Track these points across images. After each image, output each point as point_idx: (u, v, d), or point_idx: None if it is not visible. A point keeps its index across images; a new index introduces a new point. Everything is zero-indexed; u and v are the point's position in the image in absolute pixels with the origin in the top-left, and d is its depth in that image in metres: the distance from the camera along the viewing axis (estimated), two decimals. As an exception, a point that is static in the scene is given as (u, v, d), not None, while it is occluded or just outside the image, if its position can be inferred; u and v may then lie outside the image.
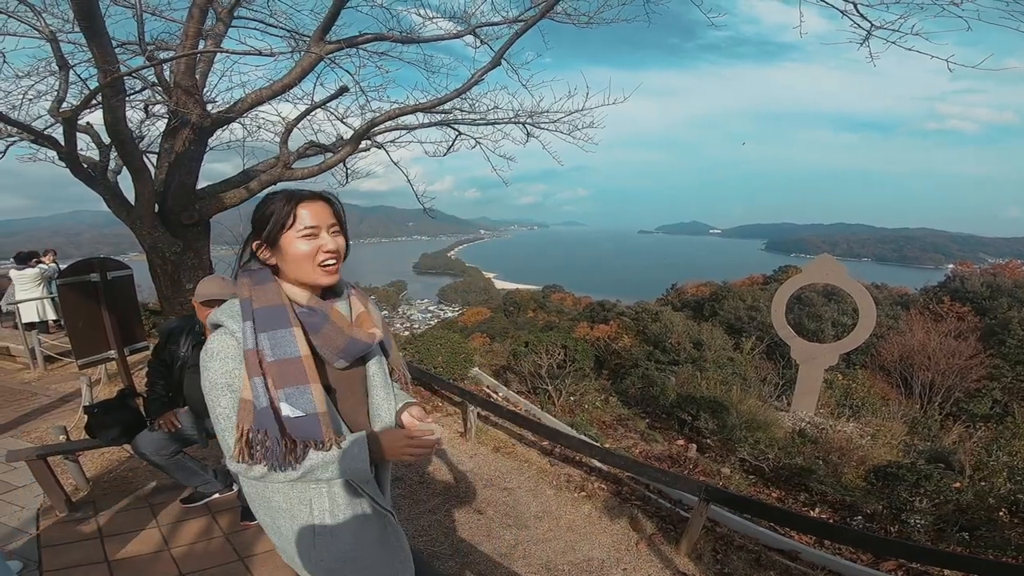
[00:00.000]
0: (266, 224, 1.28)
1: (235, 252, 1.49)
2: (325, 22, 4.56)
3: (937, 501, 4.24)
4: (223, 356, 1.21)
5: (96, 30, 3.27)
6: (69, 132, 3.81)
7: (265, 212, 1.29)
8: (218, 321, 1.25)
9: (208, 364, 1.21)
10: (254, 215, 1.31)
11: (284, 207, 1.28)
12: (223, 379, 1.20)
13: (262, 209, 1.30)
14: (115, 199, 4.88)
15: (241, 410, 1.19)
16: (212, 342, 1.23)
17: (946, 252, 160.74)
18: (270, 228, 1.27)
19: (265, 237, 1.28)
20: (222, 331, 1.24)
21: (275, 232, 1.27)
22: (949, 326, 19.18)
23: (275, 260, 1.30)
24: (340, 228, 1.34)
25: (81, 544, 3.06)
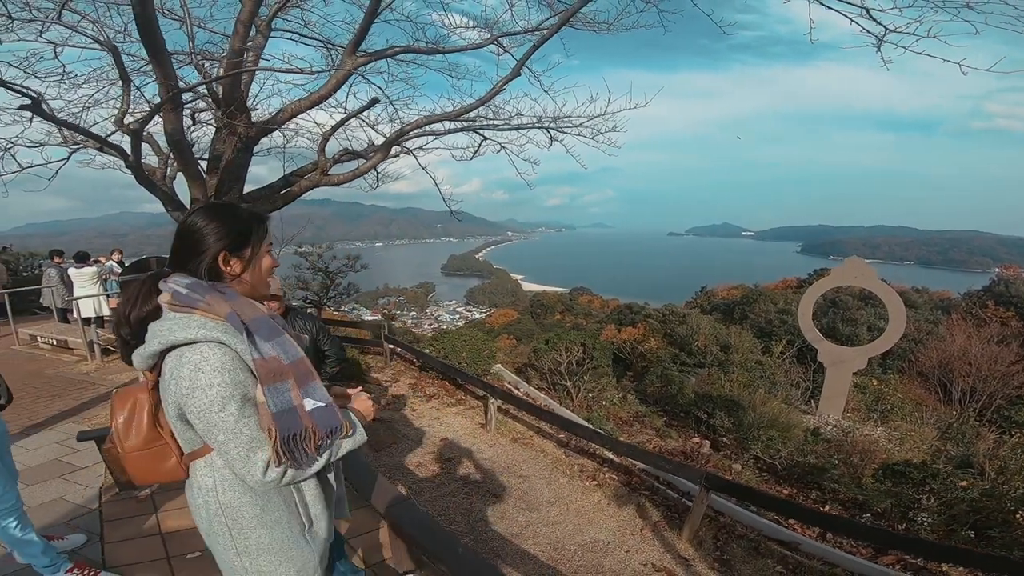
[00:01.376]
0: (247, 238, 1.31)
1: (277, 253, 1.50)
2: (356, 37, 4.90)
3: (945, 500, 4.28)
4: (231, 368, 1.17)
5: (157, 47, 3.62)
6: (135, 143, 4.20)
7: (243, 226, 1.31)
8: (213, 337, 1.18)
9: (213, 379, 1.15)
10: (227, 228, 1.28)
11: (260, 224, 1.35)
12: (234, 390, 1.17)
13: (238, 223, 1.30)
14: (172, 203, 5.31)
15: (265, 417, 1.19)
16: (211, 357, 1.16)
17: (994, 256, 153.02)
18: (253, 242, 1.32)
19: (249, 250, 1.32)
20: (215, 346, 1.18)
21: (256, 247, 1.33)
22: (992, 331, 18.44)
23: (241, 273, 1.31)
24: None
25: (137, 518, 3.41)
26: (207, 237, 1.27)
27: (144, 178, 4.83)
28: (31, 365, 7.53)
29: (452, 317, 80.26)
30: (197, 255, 1.27)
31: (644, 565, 3.32)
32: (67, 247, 11.89)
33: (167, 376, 1.21)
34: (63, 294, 9.31)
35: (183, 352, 1.18)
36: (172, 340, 1.18)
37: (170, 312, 1.23)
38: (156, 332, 1.22)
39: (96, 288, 8.73)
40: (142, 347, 1.24)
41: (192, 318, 1.20)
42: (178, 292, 1.22)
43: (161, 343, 1.19)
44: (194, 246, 1.27)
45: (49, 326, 9.32)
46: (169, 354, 1.21)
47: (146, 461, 1.34)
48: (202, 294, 1.23)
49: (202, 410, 1.17)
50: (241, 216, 1.32)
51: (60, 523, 3.26)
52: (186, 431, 1.27)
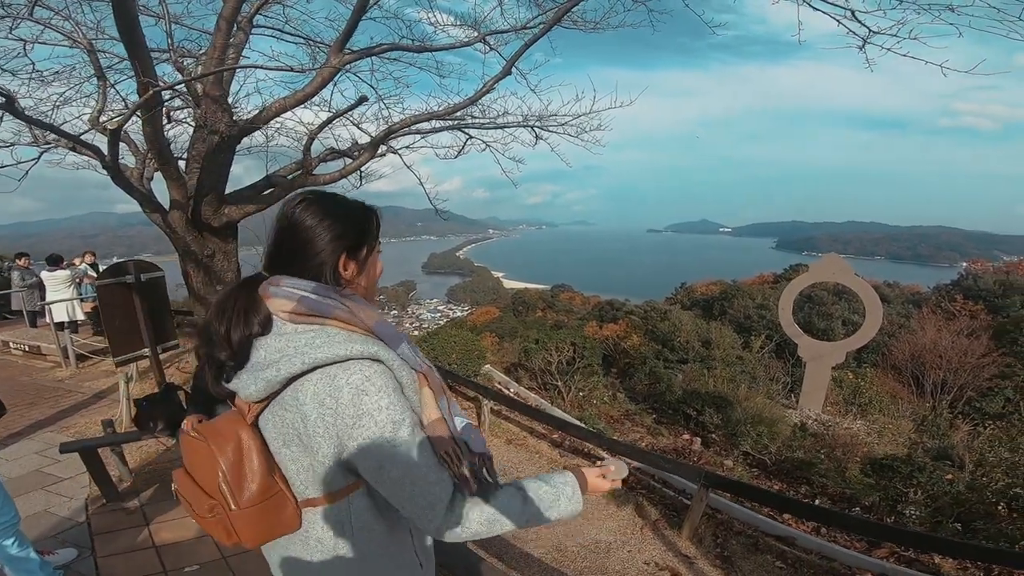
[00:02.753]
0: (365, 236, 1.08)
1: (259, 253, 1.19)
2: (343, 35, 4.80)
3: (932, 493, 4.40)
4: (394, 388, 0.96)
5: (137, 45, 3.49)
6: (112, 143, 4.06)
7: (362, 223, 1.09)
8: (369, 353, 0.95)
9: (381, 402, 0.93)
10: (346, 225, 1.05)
11: (375, 219, 1.11)
12: (404, 414, 0.95)
13: (355, 219, 1.08)
14: (150, 204, 5.15)
15: (441, 440, 0.99)
16: (374, 376, 0.94)
17: (960, 250, 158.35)
18: (370, 240, 1.09)
19: (365, 250, 1.09)
20: (371, 363, 0.95)
21: (372, 245, 1.10)
22: (961, 324, 19.06)
23: (352, 276, 1.07)
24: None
25: (129, 531, 3.32)
26: (322, 235, 1.03)
27: (121, 178, 4.67)
28: (4, 372, 7.27)
29: (434, 316, 79.94)
30: (311, 256, 1.02)
31: (648, 564, 3.34)
32: (34, 249, 11.46)
33: (310, 407, 0.94)
34: (34, 298, 8.99)
35: (334, 373, 0.93)
36: (320, 358, 0.93)
37: (289, 325, 0.99)
38: (288, 349, 0.95)
39: (70, 292, 8.45)
40: (268, 371, 0.95)
41: (329, 331, 0.98)
42: (307, 298, 0.98)
43: (306, 362, 0.93)
44: (306, 246, 1.02)
45: (21, 331, 9.00)
46: (307, 377, 0.94)
47: (264, 517, 1.00)
48: (338, 300, 1.01)
49: (371, 442, 0.92)
50: (356, 210, 1.09)
51: (48, 537, 3.16)
52: (329, 474, 0.99)
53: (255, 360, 0.99)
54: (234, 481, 0.98)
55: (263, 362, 0.97)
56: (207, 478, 1.00)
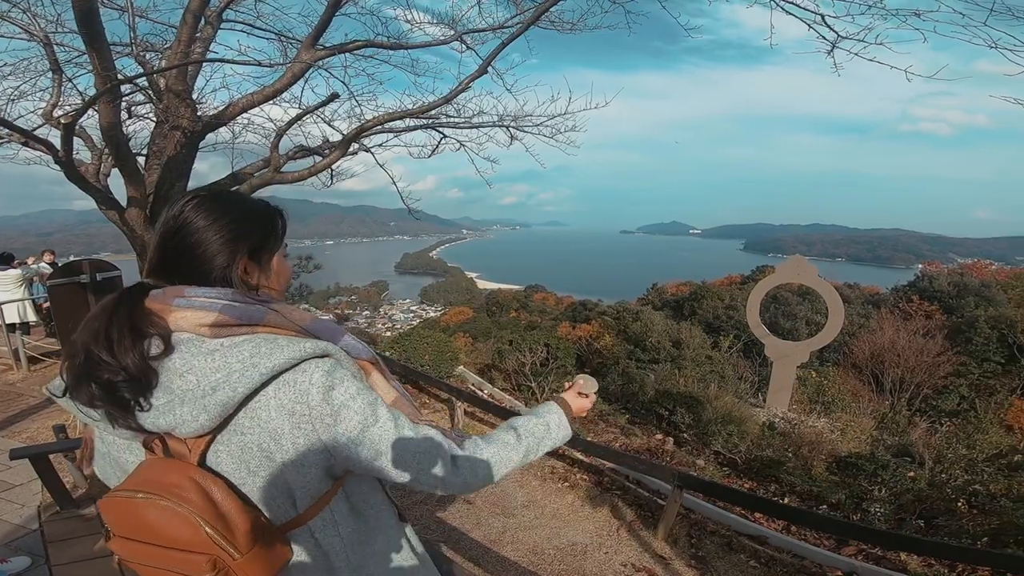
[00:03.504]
0: (269, 239, 0.99)
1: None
2: (316, 30, 4.67)
3: (895, 490, 4.54)
4: (353, 375, 0.92)
5: (95, 35, 3.33)
6: (66, 138, 3.86)
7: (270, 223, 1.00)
8: (318, 351, 0.88)
9: (350, 389, 0.88)
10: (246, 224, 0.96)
11: (280, 220, 1.02)
12: (372, 394, 0.92)
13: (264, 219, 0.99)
14: (106, 201, 4.92)
15: (410, 409, 1.00)
16: (334, 369, 0.88)
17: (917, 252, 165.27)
18: (270, 243, 1.00)
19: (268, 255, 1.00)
20: (323, 360, 0.88)
21: (271, 248, 1.00)
22: (918, 324, 19.84)
23: (258, 281, 0.98)
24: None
25: (85, 539, 3.13)
26: (216, 238, 0.91)
27: (75, 175, 4.45)
28: (-52, 376, 6.85)
29: (407, 316, 79.23)
30: (204, 262, 0.91)
31: (624, 566, 3.34)
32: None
33: (277, 421, 0.84)
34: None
35: (292, 380, 0.84)
36: (274, 367, 0.82)
37: (213, 340, 0.85)
38: (229, 366, 0.83)
39: (21, 292, 8.04)
40: (210, 396, 0.81)
41: (267, 337, 0.87)
42: (230, 306, 0.86)
43: (263, 373, 0.81)
44: (197, 250, 0.91)
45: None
46: (262, 394, 0.84)
47: (267, 553, 0.87)
48: (263, 305, 0.90)
49: (359, 432, 0.87)
50: (257, 209, 0.99)
51: (0, 545, 2.97)
52: (320, 479, 0.91)
53: (186, 387, 0.82)
54: (223, 528, 0.81)
55: (203, 387, 0.82)
56: (186, 536, 0.80)
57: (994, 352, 18.55)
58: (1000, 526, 3.74)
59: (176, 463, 0.84)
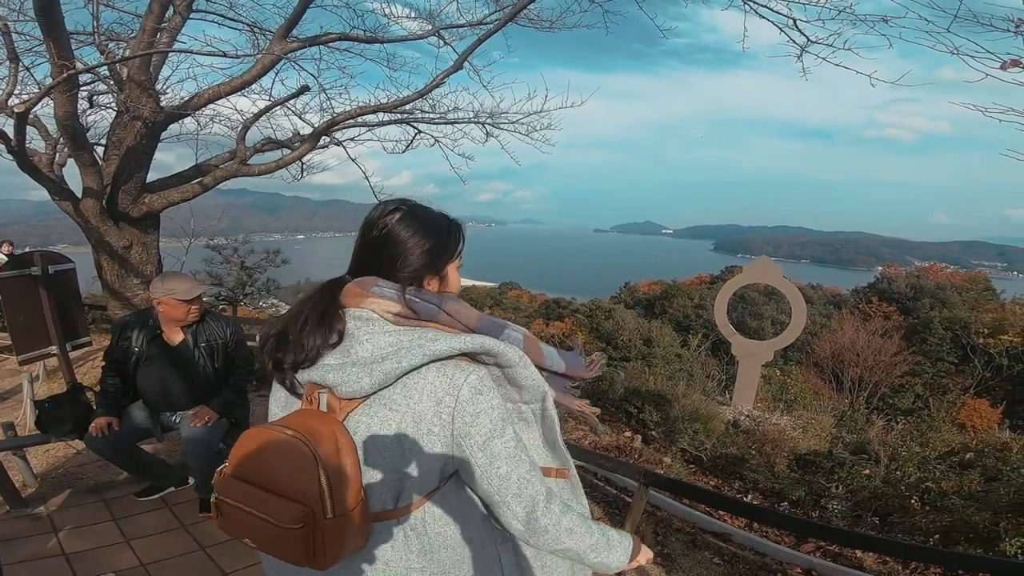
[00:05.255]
0: (450, 255, 1.11)
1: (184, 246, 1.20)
2: (289, 21, 4.57)
3: (852, 487, 4.70)
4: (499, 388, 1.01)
5: (54, 24, 3.20)
6: (19, 127, 3.70)
7: (452, 238, 1.12)
8: (484, 346, 0.98)
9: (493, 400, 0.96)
10: (438, 245, 1.08)
11: (457, 232, 1.14)
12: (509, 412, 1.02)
13: (445, 238, 1.10)
14: (61, 192, 4.73)
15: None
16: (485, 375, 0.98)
17: (877, 255, 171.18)
18: (452, 256, 1.12)
19: (448, 265, 1.11)
20: (477, 367, 0.98)
21: (449, 259, 1.12)
22: (876, 325, 20.61)
23: (436, 289, 1.10)
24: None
25: (35, 538, 3.03)
26: (415, 248, 1.05)
27: (28, 164, 4.27)
28: None
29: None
30: (402, 268, 1.05)
31: (590, 565, 3.37)
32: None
33: (424, 404, 0.93)
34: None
35: (451, 373, 0.95)
36: (436, 351, 0.93)
37: (392, 325, 0.99)
38: (403, 344, 0.95)
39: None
40: (388, 362, 0.92)
41: (431, 331, 0.99)
42: (415, 301, 1.01)
43: (427, 354, 0.92)
44: (399, 258, 1.05)
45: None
46: (421, 375, 0.94)
47: (353, 527, 0.91)
48: (439, 303, 1.03)
49: (487, 439, 0.94)
50: (445, 225, 1.12)
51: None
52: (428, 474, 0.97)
53: (359, 355, 0.96)
54: (337, 483, 0.87)
55: (374, 356, 0.95)
56: (298, 482, 0.86)
57: (948, 352, 19.44)
58: (951, 523, 3.90)
59: (326, 416, 0.94)
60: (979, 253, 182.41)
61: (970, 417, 14.83)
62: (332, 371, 0.95)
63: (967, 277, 29.26)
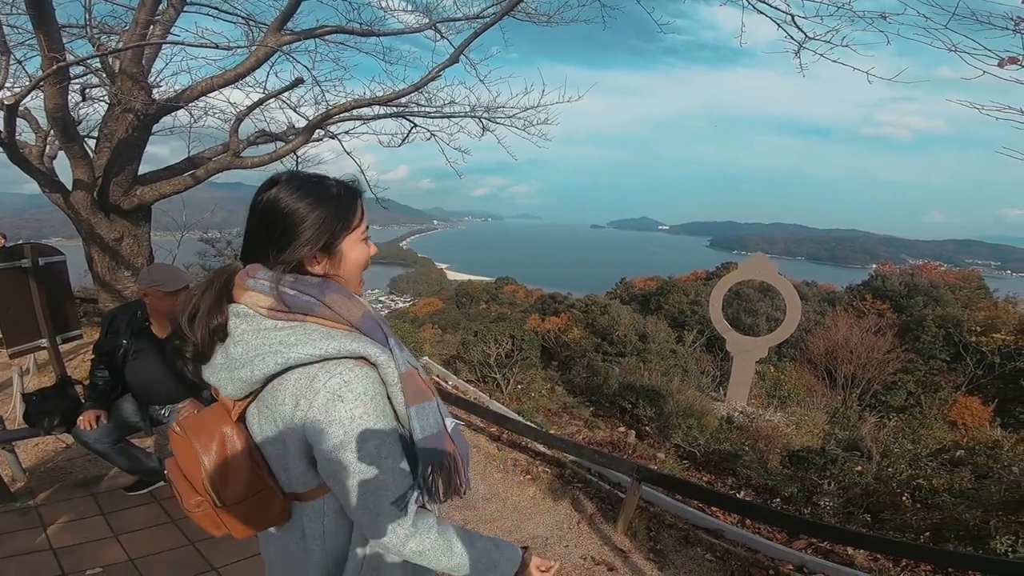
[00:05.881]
0: (349, 220, 0.98)
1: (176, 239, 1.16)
2: (284, 13, 4.52)
3: (843, 484, 4.72)
4: (375, 395, 0.91)
5: (44, 16, 3.16)
6: (9, 119, 3.65)
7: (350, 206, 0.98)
8: (353, 352, 0.91)
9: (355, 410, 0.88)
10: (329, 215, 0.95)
11: (351, 200, 0.99)
12: (377, 421, 0.90)
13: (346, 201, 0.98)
14: (52, 184, 4.68)
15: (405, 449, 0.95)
16: (354, 381, 0.89)
17: (872, 252, 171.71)
18: (337, 227, 0.96)
19: (346, 237, 0.98)
20: (355, 364, 0.90)
21: (339, 232, 0.97)
22: (870, 322, 20.68)
23: (325, 269, 0.98)
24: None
25: (23, 533, 3.01)
26: (303, 223, 0.93)
27: (18, 156, 4.22)
28: None
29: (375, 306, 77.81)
30: (287, 244, 0.93)
31: (584, 559, 3.37)
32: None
33: (287, 407, 0.91)
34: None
35: (313, 374, 0.89)
36: (296, 357, 0.88)
37: (268, 320, 0.92)
38: (263, 348, 0.90)
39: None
40: (243, 370, 0.91)
41: (308, 327, 0.92)
42: (286, 293, 0.92)
43: (279, 362, 0.88)
44: (283, 233, 0.93)
45: None
46: (285, 376, 0.91)
47: (249, 512, 0.99)
48: (318, 294, 0.93)
49: (334, 447, 0.89)
50: (341, 191, 0.98)
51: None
52: (306, 471, 0.97)
53: (232, 356, 0.93)
54: (219, 479, 0.96)
55: (239, 359, 0.92)
56: (193, 474, 0.97)
57: (940, 350, 19.53)
58: (942, 521, 3.93)
59: (220, 413, 1.00)
60: (973, 252, 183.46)
61: (961, 415, 14.93)
62: (213, 372, 0.96)
63: (961, 275, 29.39)
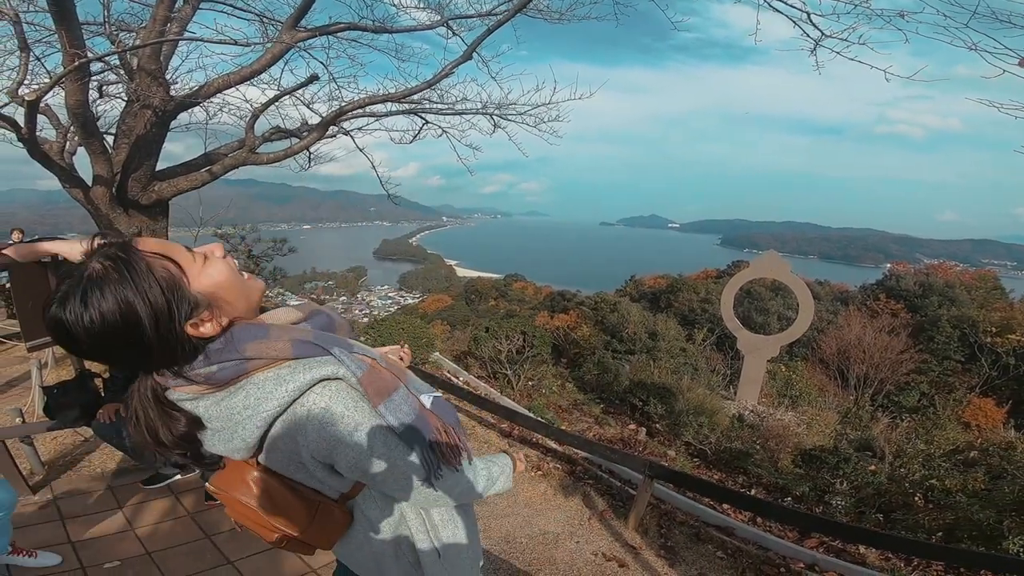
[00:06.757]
0: (177, 292, 0.85)
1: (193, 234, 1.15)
2: (298, 10, 4.54)
3: (856, 483, 4.69)
4: (354, 402, 0.94)
5: (66, 13, 3.20)
6: (30, 115, 3.71)
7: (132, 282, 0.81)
8: (312, 380, 0.91)
9: (347, 426, 0.92)
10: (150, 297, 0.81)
11: (134, 259, 0.82)
12: (371, 424, 0.94)
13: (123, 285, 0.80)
14: (70, 179, 4.75)
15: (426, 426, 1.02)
16: (331, 404, 0.91)
17: (886, 252, 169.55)
18: (165, 288, 0.84)
19: (183, 308, 0.86)
20: (321, 387, 0.92)
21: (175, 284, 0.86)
22: (883, 322, 20.46)
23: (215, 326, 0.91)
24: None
25: (43, 526, 3.06)
26: (137, 325, 0.82)
27: (38, 152, 4.29)
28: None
29: (384, 302, 78.53)
30: (154, 355, 0.87)
31: (595, 555, 3.39)
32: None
33: (289, 447, 0.95)
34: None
35: (294, 412, 0.92)
36: (268, 415, 0.91)
37: (219, 392, 0.92)
38: (236, 417, 0.91)
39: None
40: (234, 441, 0.94)
41: (257, 380, 0.91)
42: (213, 375, 0.91)
43: (259, 424, 0.91)
44: (136, 346, 0.84)
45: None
46: (273, 427, 0.94)
47: (323, 526, 1.05)
48: (235, 355, 0.90)
49: (351, 465, 0.95)
50: (127, 265, 0.82)
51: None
52: (340, 481, 1.03)
53: (212, 428, 0.95)
54: (279, 513, 1.01)
55: (222, 433, 0.95)
56: (257, 520, 1.02)
57: (955, 351, 19.26)
58: (955, 521, 3.90)
59: (239, 466, 1.02)
60: (989, 251, 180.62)
61: (975, 416, 14.74)
62: (213, 447, 0.98)
63: (976, 275, 28.96)
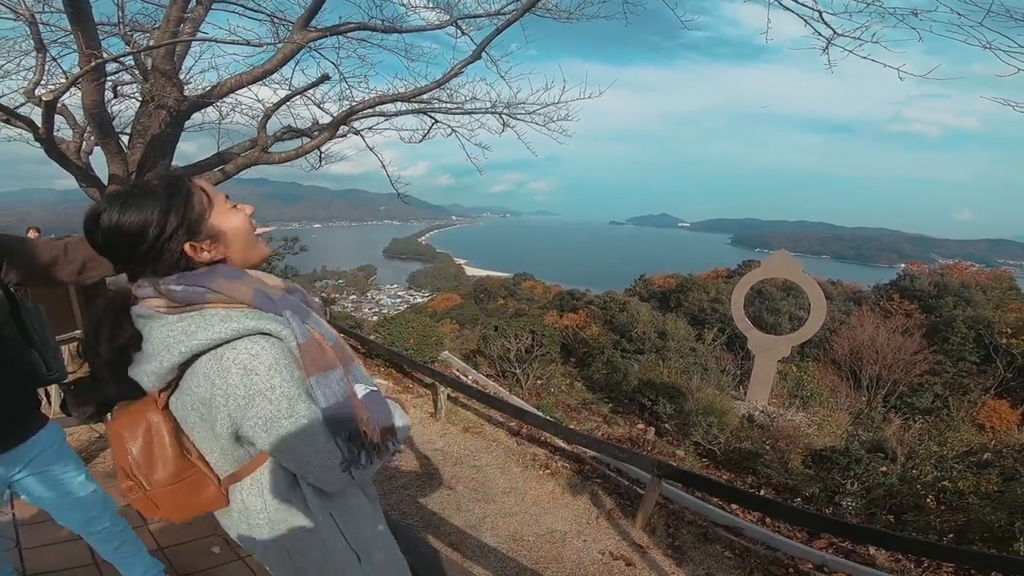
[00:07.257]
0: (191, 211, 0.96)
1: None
2: (309, 11, 4.59)
3: (867, 484, 4.66)
4: (286, 363, 0.95)
5: (81, 14, 3.27)
6: (47, 115, 3.79)
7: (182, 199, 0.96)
8: (253, 329, 0.94)
9: (273, 380, 0.92)
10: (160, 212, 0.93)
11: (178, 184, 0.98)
12: (298, 387, 0.94)
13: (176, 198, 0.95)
14: (87, 179, 4.85)
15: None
16: (262, 353, 0.93)
17: (900, 252, 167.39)
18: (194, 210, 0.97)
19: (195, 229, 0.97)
20: (259, 338, 0.94)
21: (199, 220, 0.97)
22: (897, 322, 20.19)
23: (212, 255, 0.99)
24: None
25: (56, 522, 3.12)
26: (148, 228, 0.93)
27: (56, 152, 4.38)
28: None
29: (394, 301, 78.92)
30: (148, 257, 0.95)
31: (602, 554, 3.40)
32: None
33: (203, 389, 0.94)
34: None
35: (220, 354, 0.92)
36: (197, 345, 0.91)
37: (169, 316, 0.95)
38: (167, 340, 0.93)
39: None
40: (152, 363, 0.94)
41: (207, 314, 0.94)
42: (173, 291, 0.94)
43: (183, 352, 0.92)
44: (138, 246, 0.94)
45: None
46: (197, 362, 0.94)
47: (181, 496, 1.05)
48: (205, 282, 0.95)
49: (269, 419, 0.93)
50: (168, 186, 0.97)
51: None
52: (236, 450, 1.02)
53: (144, 352, 0.98)
54: (145, 464, 1.03)
55: (148, 355, 0.96)
56: (123, 461, 1.04)
57: (970, 352, 18.97)
58: (966, 523, 3.86)
59: (146, 403, 1.03)
60: (1005, 251, 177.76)
61: (989, 418, 14.54)
62: (133, 369, 0.99)
63: (992, 276, 28.51)
